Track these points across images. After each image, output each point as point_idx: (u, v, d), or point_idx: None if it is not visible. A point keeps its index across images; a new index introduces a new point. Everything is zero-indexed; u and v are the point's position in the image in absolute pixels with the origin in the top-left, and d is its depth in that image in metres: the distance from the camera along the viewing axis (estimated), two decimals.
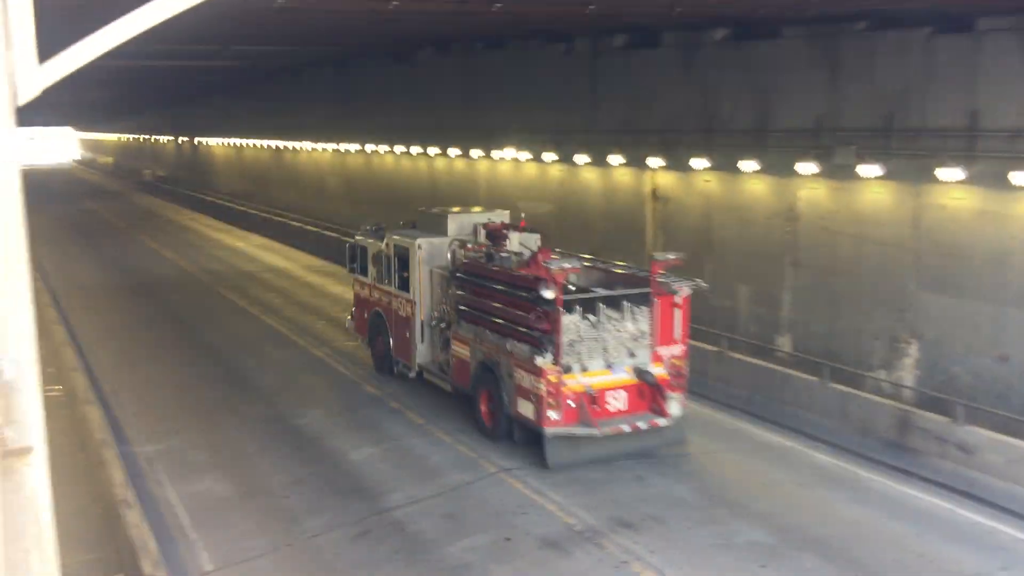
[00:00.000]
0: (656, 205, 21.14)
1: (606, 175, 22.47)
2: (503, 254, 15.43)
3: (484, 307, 14.78)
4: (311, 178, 40.92)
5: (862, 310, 16.57)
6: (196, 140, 60.17)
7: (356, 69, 34.00)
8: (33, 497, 2.51)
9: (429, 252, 16.63)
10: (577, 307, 13.41)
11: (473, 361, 15.08)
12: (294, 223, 39.09)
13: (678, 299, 13.91)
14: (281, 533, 12.09)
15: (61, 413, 16.98)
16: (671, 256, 14.22)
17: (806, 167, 16.98)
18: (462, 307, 15.43)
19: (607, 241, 22.59)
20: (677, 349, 13.93)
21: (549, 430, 13.31)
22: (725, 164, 19.08)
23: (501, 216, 17.37)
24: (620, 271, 14.82)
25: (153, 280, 30.73)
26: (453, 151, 28.18)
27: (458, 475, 13.75)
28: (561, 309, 13.15)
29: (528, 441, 14.17)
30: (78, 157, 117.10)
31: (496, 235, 16.39)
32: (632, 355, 13.73)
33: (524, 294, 13.65)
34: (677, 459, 14.43)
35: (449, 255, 16.20)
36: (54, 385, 18.43)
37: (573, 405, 13.33)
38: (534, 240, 16.64)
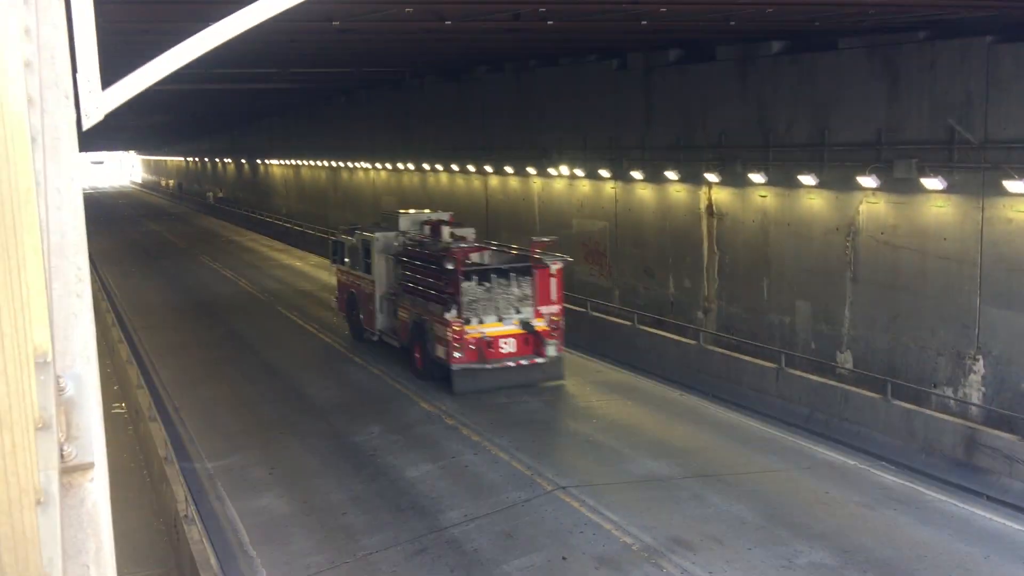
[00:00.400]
0: (712, 221, 20.94)
1: (661, 191, 22.32)
2: (425, 240, 21.32)
3: (416, 280, 20.29)
4: (368, 198, 41.25)
5: (926, 326, 16.20)
6: (256, 161, 61.18)
7: (411, 89, 34.30)
8: (94, 512, 2.54)
9: (384, 243, 22.08)
10: (474, 276, 18.68)
11: (410, 322, 20.37)
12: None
13: (553, 271, 19.05)
14: (339, 550, 12.12)
15: (125, 430, 17.27)
16: (545, 239, 19.80)
17: (866, 181, 16.71)
18: (403, 282, 20.96)
19: (663, 257, 22.43)
20: (555, 308, 19.03)
21: (455, 366, 18.54)
22: (782, 179, 18.85)
23: (440, 215, 22.90)
24: (515, 252, 19.88)
25: (214, 299, 31.21)
26: (507, 169, 28.21)
27: (514, 493, 13.70)
28: (461, 277, 18.44)
29: (443, 376, 18.93)
30: (139, 180, 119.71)
31: (435, 229, 21.83)
32: (519, 312, 18.84)
33: (436, 267, 19.20)
34: (737, 478, 14.24)
35: (396, 244, 21.89)
36: (118, 403, 18.78)
37: (473, 348, 18.50)
38: (471, 233, 21.77)
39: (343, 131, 42.49)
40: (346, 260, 24.11)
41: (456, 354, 18.55)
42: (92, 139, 70.99)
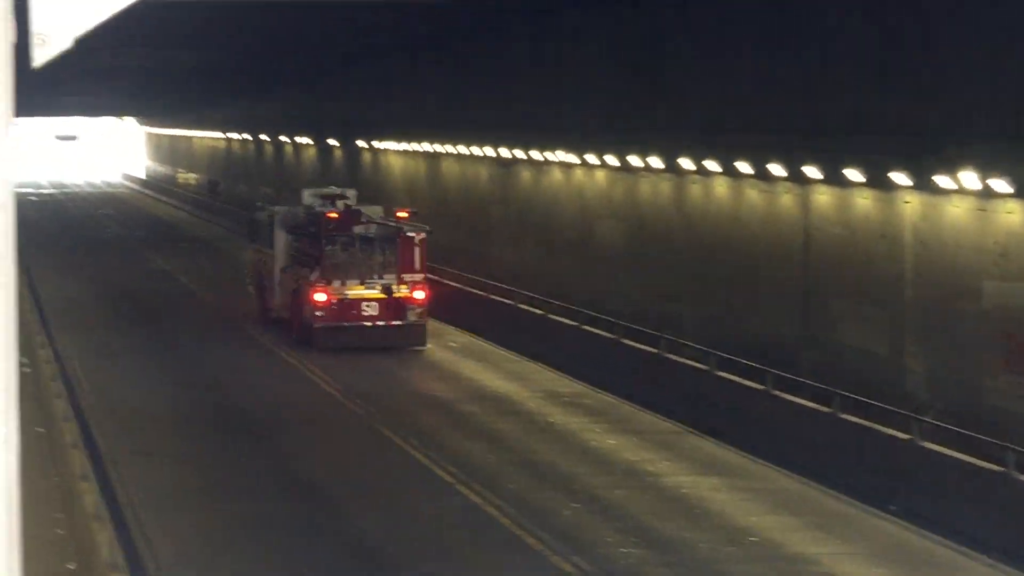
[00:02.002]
0: None
1: None
2: (314, 211, 39.86)
3: (296, 249, 40.07)
4: (566, 221, 41.38)
5: None
6: (355, 144, 62.31)
7: (667, 7, 34.36)
8: None
9: (283, 216, 41.38)
10: (338, 241, 37.71)
11: (291, 290, 39.41)
12: (529, 307, 40.01)
13: (416, 240, 37.83)
14: None
15: None
16: (407, 210, 39.81)
17: None
18: (291, 253, 40.35)
19: None
20: (419, 276, 37.72)
21: (317, 324, 37.16)
22: None
23: (342, 190, 42.80)
24: (390, 223, 38.97)
25: (262, 406, 32.23)
26: (850, 174, 27.53)
27: None
28: (324, 241, 37.66)
29: (308, 337, 37.12)
30: (139, 173, 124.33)
31: (332, 202, 40.51)
32: (381, 277, 37.38)
33: (305, 232, 39.46)
34: None
35: (292, 217, 40.99)
36: None
37: (335, 308, 37.04)
38: (378, 210, 40.49)
39: (527, 90, 43.02)
40: (257, 240, 43.90)
41: (318, 313, 37.47)
42: (55, 93, 74.28)
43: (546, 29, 40.87)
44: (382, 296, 37.35)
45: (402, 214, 39.92)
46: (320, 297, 37.04)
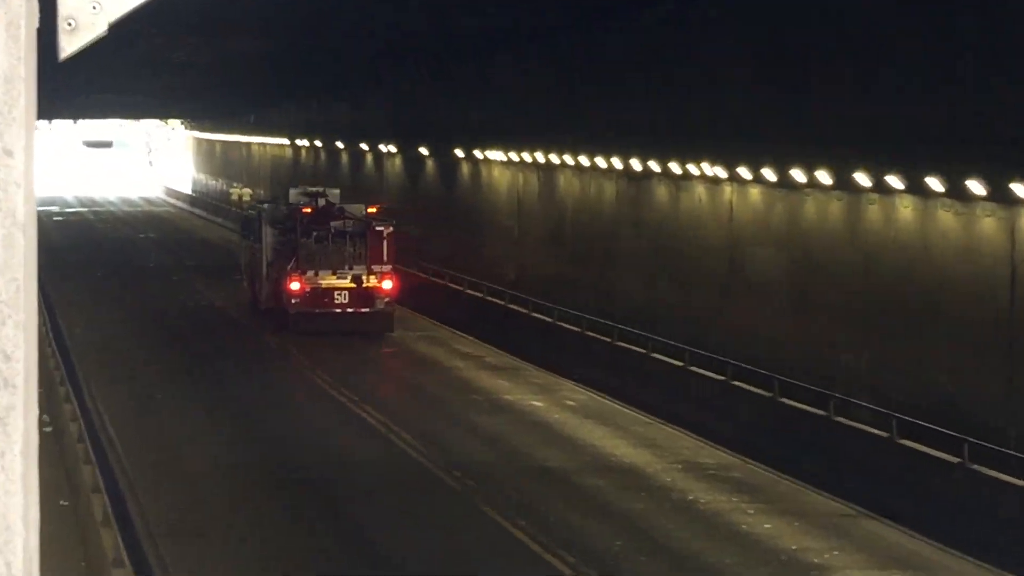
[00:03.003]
0: None
1: None
2: (295, 207, 53.79)
3: (278, 242, 53.95)
4: (710, 249, 40.78)
5: None
6: (452, 153, 62.08)
7: None
8: None
9: (270, 213, 54.44)
10: (312, 234, 51.58)
11: (274, 280, 53.00)
12: (662, 357, 40.04)
13: (384, 234, 51.87)
14: None
15: None
16: (376, 206, 55.51)
17: None
18: (275, 247, 53.76)
19: None
20: (387, 267, 51.50)
21: (291, 311, 50.90)
22: None
23: (324, 189, 55.56)
24: (361, 218, 53.52)
25: (338, 472, 32.35)
26: None
27: None
28: (300, 234, 51.82)
29: (285, 323, 50.79)
30: (184, 188, 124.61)
31: (313, 198, 54.00)
32: (352, 268, 50.92)
33: (283, 226, 54.00)
34: None
35: (278, 214, 55.04)
36: None
37: (308, 295, 50.74)
38: (360, 208, 53.55)
39: (662, 89, 42.52)
40: (249, 236, 55.33)
41: (293, 300, 48.66)
42: (85, 90, 75.03)
43: (682, 12, 40.37)
44: (352, 286, 49.07)
45: (372, 209, 52.54)
46: (295, 286, 48.64)
